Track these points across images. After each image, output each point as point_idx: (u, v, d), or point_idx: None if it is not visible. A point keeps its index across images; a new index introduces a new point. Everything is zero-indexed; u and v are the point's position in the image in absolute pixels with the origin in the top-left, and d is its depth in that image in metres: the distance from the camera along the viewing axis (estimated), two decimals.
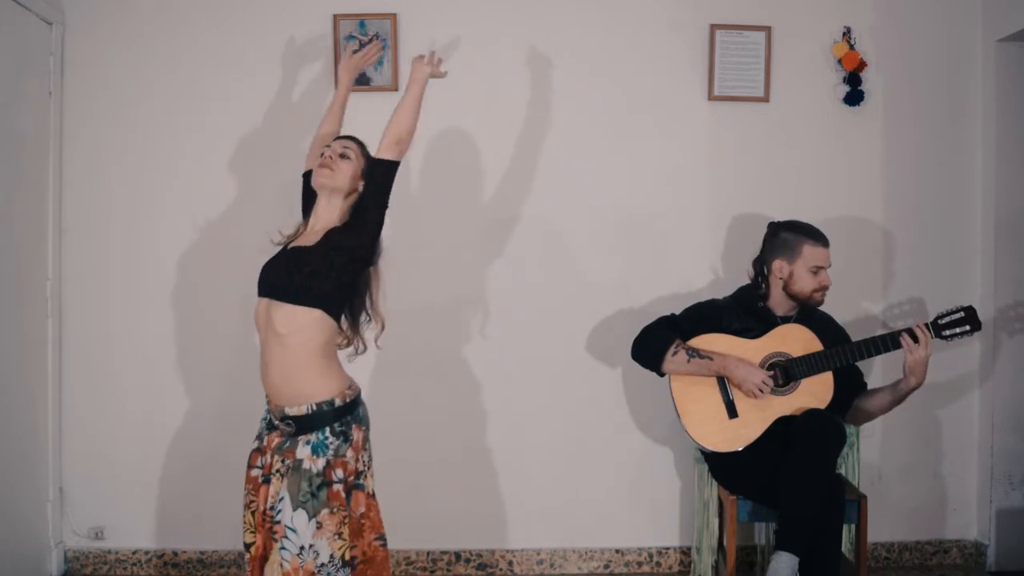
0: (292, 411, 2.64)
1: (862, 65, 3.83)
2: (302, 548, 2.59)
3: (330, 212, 2.77)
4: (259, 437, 2.75)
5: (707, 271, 3.86)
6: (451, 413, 3.83)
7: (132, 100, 3.77)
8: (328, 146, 2.81)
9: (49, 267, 3.71)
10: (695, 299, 3.58)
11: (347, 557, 2.64)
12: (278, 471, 2.63)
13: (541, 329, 3.84)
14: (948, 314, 3.24)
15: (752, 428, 3.23)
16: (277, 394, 2.66)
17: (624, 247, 3.86)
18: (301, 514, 2.59)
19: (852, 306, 3.83)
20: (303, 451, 2.63)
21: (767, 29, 3.81)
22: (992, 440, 3.86)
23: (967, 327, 3.22)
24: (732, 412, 3.25)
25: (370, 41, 3.72)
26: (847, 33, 3.83)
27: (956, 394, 3.93)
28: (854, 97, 3.84)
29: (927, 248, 3.91)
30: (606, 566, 3.88)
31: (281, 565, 2.59)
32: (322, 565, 2.60)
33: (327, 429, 2.64)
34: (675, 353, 3.25)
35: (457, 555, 3.85)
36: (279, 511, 2.60)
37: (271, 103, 3.78)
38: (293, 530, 2.59)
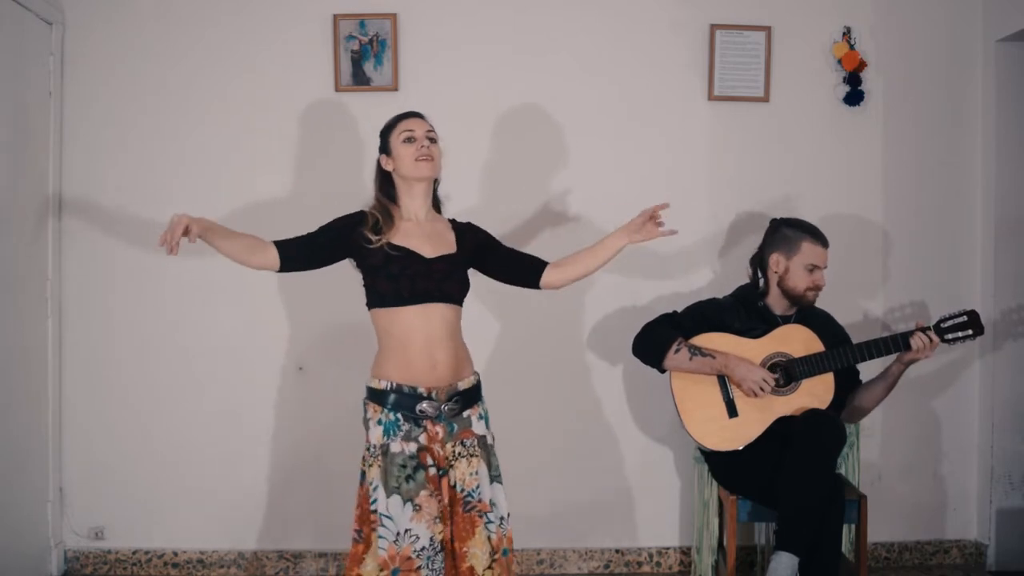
0: (464, 384, 2.75)
1: (862, 65, 3.83)
2: (502, 519, 2.74)
3: (427, 201, 2.83)
4: (411, 439, 2.65)
5: (707, 270, 3.86)
6: None
7: (132, 100, 3.77)
8: (413, 137, 2.75)
9: (49, 267, 3.71)
10: (695, 298, 3.58)
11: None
12: (460, 455, 2.70)
13: (540, 327, 3.84)
14: (951, 317, 3.25)
15: (752, 427, 3.23)
16: (452, 375, 2.73)
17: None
18: (498, 487, 2.76)
19: (852, 307, 3.83)
20: (479, 427, 2.77)
21: (767, 29, 3.81)
22: (992, 440, 3.86)
23: (969, 331, 3.23)
24: (732, 411, 3.25)
25: (369, 42, 3.74)
26: (847, 33, 3.84)
27: (956, 394, 3.93)
28: (854, 97, 3.84)
29: (927, 248, 3.91)
30: (606, 566, 3.88)
31: (489, 539, 2.69)
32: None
33: (483, 399, 2.83)
34: (677, 350, 3.25)
35: None
36: (479, 489, 2.70)
37: (271, 103, 3.77)
38: (495, 504, 2.73)
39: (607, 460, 3.87)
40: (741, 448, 3.22)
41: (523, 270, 2.93)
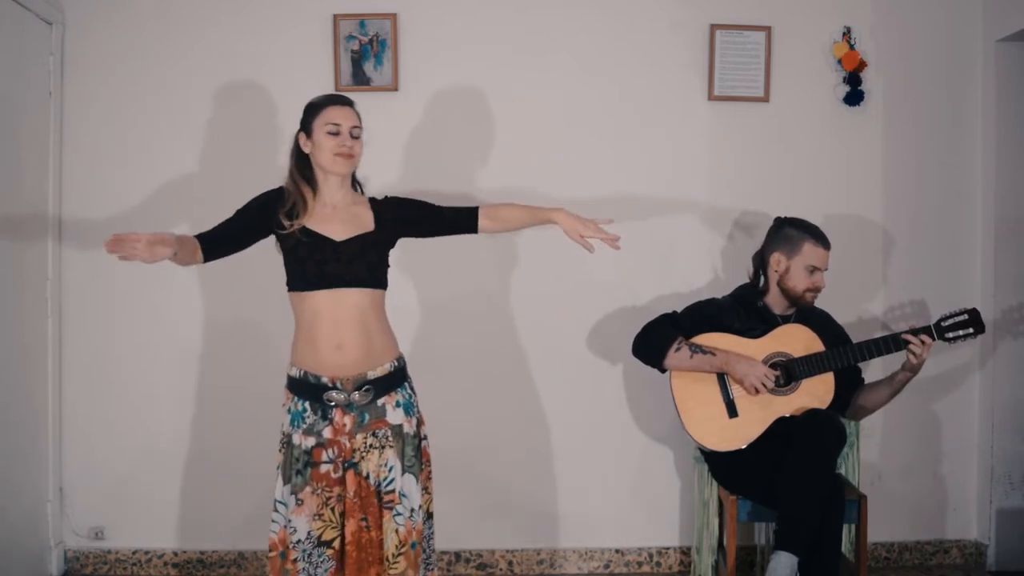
0: (376, 373, 2.70)
1: (862, 65, 3.83)
2: (412, 511, 2.70)
3: (345, 187, 2.79)
4: (313, 433, 2.69)
5: (707, 270, 3.86)
6: (448, 412, 3.81)
7: (132, 100, 3.77)
8: (337, 132, 2.71)
9: (49, 267, 3.71)
10: (695, 298, 3.58)
11: (431, 510, 2.80)
12: (372, 446, 2.68)
13: (540, 328, 3.84)
14: (951, 316, 3.24)
15: (752, 427, 3.23)
16: (360, 364, 2.68)
17: (625, 246, 3.84)
18: (409, 478, 2.70)
19: (852, 307, 3.83)
20: (396, 416, 2.71)
21: (767, 29, 3.81)
22: (992, 440, 3.86)
23: (970, 330, 3.22)
24: (732, 411, 3.25)
25: (369, 42, 3.74)
26: (847, 33, 3.84)
27: (956, 394, 3.93)
28: (854, 97, 3.84)
29: (927, 248, 3.91)
30: (606, 566, 3.88)
31: (397, 532, 2.67)
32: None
33: (407, 385, 2.77)
34: (678, 349, 3.25)
35: (457, 555, 3.85)
36: (390, 480, 2.68)
37: (271, 103, 3.77)
38: (405, 495, 2.69)
39: (607, 460, 3.87)
40: (743, 447, 3.22)
41: (457, 223, 2.87)
